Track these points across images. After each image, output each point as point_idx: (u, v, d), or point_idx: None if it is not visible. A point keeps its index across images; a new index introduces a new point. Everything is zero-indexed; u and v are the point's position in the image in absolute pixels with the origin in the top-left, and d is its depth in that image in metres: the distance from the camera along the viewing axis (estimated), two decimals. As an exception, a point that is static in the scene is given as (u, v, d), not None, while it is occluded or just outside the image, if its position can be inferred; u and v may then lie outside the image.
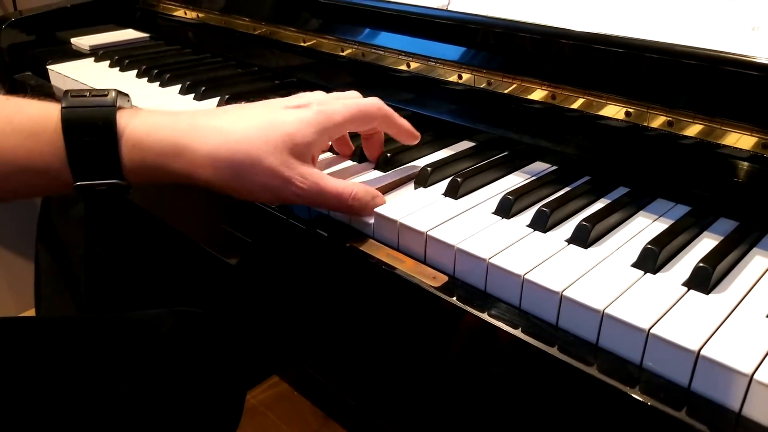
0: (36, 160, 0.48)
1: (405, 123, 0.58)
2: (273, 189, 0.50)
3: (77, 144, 0.48)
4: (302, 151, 0.51)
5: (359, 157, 0.62)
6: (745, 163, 0.50)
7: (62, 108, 0.48)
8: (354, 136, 0.63)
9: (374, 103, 0.56)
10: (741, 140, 0.50)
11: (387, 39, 0.73)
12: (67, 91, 0.50)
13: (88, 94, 0.50)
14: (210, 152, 0.49)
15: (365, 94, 0.58)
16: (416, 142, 0.60)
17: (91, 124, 0.48)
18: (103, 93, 0.50)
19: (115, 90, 0.51)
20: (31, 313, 1.50)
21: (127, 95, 0.53)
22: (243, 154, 0.49)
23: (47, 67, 0.92)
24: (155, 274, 1.23)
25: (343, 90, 0.59)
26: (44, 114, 0.49)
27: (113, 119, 0.49)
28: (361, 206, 0.53)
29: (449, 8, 0.66)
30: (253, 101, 0.56)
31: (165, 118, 0.51)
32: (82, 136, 0.48)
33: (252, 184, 0.50)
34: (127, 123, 0.49)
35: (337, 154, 0.64)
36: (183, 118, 0.52)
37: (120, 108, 0.50)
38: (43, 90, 0.94)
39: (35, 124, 0.48)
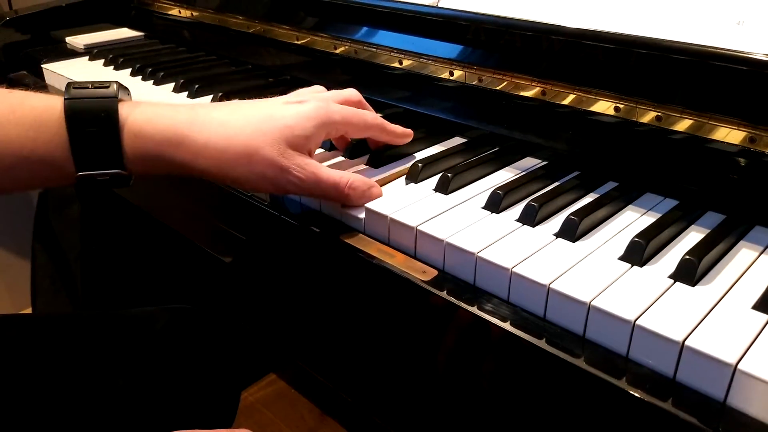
0: (39, 150, 0.49)
1: (398, 128, 0.60)
2: (271, 178, 0.51)
3: (80, 134, 0.49)
4: (300, 143, 0.52)
5: (350, 152, 0.63)
6: (733, 158, 0.50)
7: (65, 99, 0.49)
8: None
9: (371, 113, 0.58)
10: (729, 135, 0.50)
11: (379, 36, 0.73)
12: (69, 83, 0.51)
13: (90, 86, 0.51)
14: (208, 142, 0.51)
15: (359, 92, 0.59)
16: (410, 139, 0.62)
17: (94, 115, 0.49)
18: (105, 85, 0.51)
19: (116, 82, 0.52)
20: (27, 312, 1.50)
21: (127, 89, 0.54)
22: (241, 144, 0.50)
23: (42, 66, 0.92)
24: (151, 273, 1.23)
25: (337, 88, 0.60)
26: (47, 105, 0.50)
27: (115, 110, 0.50)
28: (357, 195, 0.53)
29: (439, 5, 0.67)
30: (246, 98, 0.57)
31: (165, 109, 0.52)
32: (84, 127, 0.49)
33: (250, 174, 0.51)
34: (129, 114, 0.51)
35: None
36: (183, 110, 0.53)
37: (121, 100, 0.51)
38: (38, 89, 0.94)
39: (39, 115, 0.49)
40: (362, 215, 0.53)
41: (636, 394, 0.38)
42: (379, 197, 0.54)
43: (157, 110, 0.52)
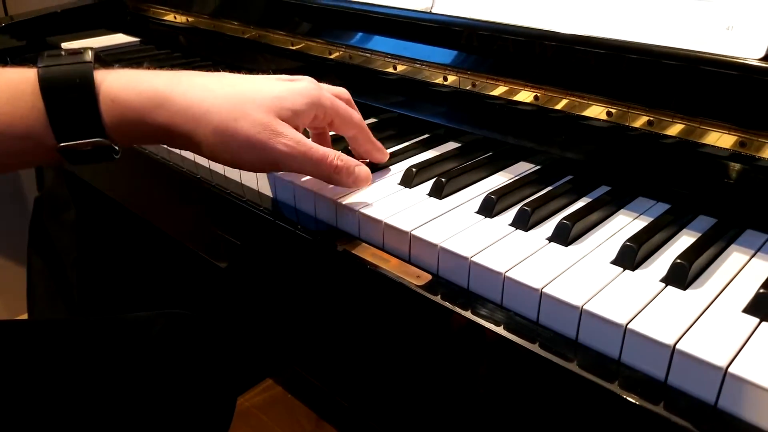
0: (17, 125, 0.47)
1: (377, 141, 0.60)
2: (256, 146, 0.49)
3: (56, 103, 0.47)
4: (289, 117, 0.51)
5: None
6: (724, 162, 0.51)
7: (38, 68, 0.48)
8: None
9: (358, 113, 0.57)
10: (720, 139, 0.51)
11: (374, 42, 0.74)
12: (43, 52, 0.50)
13: (64, 53, 0.49)
14: (191, 105, 0.49)
15: (353, 97, 0.60)
16: (386, 159, 0.61)
17: (69, 82, 0.48)
18: (79, 51, 0.50)
19: (91, 49, 0.50)
20: (24, 318, 1.50)
21: (110, 63, 0.53)
22: (226, 109, 0.49)
23: (37, 72, 0.92)
24: (147, 278, 1.23)
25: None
26: (21, 77, 0.48)
27: (90, 75, 0.48)
28: (346, 168, 0.53)
29: (432, 11, 0.67)
30: None
31: (144, 74, 0.51)
32: (60, 95, 0.47)
33: (233, 141, 0.49)
34: (104, 79, 0.49)
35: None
36: (163, 74, 0.51)
37: (97, 66, 0.49)
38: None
39: (14, 89, 0.48)
40: (356, 219, 0.54)
41: (628, 398, 0.38)
42: (368, 179, 0.55)
43: (134, 75, 0.50)
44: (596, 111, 0.57)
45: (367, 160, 0.61)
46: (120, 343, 0.68)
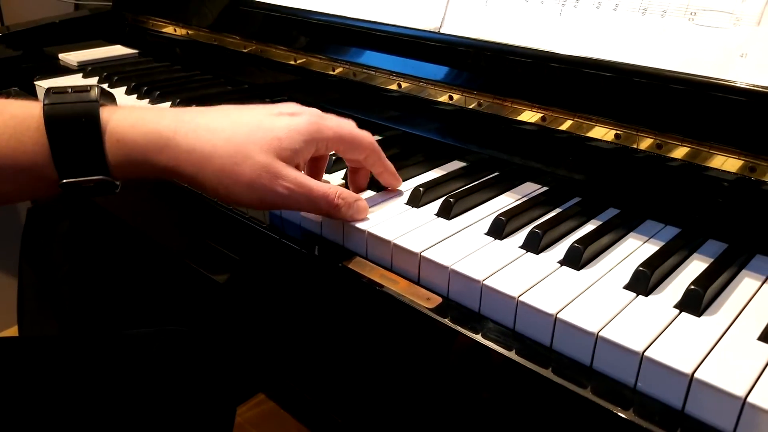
0: (21, 159, 0.47)
1: (390, 165, 0.59)
2: (258, 189, 0.49)
3: (60, 140, 0.47)
4: (288, 157, 0.51)
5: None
6: (733, 186, 0.51)
7: (44, 105, 0.48)
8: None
9: (367, 135, 0.56)
10: (728, 163, 0.51)
11: (378, 59, 0.74)
12: (49, 88, 0.49)
13: (70, 90, 0.49)
14: (193, 149, 0.49)
15: (356, 113, 0.59)
16: (399, 185, 0.60)
17: (74, 120, 0.47)
18: (86, 89, 0.50)
19: (97, 86, 0.50)
20: (13, 331, 1.48)
21: (112, 94, 0.52)
22: (227, 154, 0.49)
23: (35, 82, 0.92)
24: (140, 292, 1.21)
25: (334, 109, 0.59)
26: (27, 112, 0.48)
27: (96, 114, 0.48)
28: (346, 204, 0.53)
29: (441, 31, 0.67)
30: None
31: (149, 113, 0.51)
32: (64, 133, 0.47)
33: (235, 185, 0.49)
34: (110, 118, 0.49)
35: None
36: (168, 114, 0.51)
37: (103, 104, 0.49)
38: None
39: (18, 124, 0.47)
40: (364, 239, 0.53)
41: (644, 426, 0.38)
42: (365, 211, 0.54)
43: (140, 114, 0.50)
44: (602, 132, 0.57)
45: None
46: (118, 361, 0.67)
